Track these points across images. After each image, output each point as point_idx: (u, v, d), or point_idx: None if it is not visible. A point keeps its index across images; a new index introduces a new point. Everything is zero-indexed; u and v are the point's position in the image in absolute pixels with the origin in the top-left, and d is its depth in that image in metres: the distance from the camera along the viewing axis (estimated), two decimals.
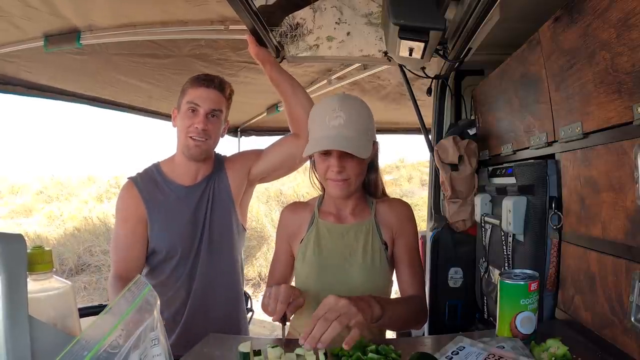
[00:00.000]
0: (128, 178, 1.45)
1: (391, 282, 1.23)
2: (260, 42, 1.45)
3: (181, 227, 1.40)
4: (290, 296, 1.00)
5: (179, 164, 1.44)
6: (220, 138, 1.49)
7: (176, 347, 0.97)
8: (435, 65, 1.85)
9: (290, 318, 1.03)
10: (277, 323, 1.00)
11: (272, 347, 0.90)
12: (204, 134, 1.37)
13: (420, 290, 1.18)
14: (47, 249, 0.66)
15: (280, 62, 1.60)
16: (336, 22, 1.56)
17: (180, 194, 1.42)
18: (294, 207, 1.30)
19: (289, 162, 1.50)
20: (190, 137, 1.37)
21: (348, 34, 1.57)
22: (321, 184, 1.22)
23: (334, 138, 1.08)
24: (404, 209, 1.24)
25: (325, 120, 1.09)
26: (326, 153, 1.11)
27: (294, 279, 1.26)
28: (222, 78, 1.44)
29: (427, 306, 1.22)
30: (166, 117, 3.42)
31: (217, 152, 1.54)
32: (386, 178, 11.15)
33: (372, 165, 1.23)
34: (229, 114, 1.50)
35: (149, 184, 1.42)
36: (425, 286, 1.24)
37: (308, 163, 1.29)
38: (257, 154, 1.53)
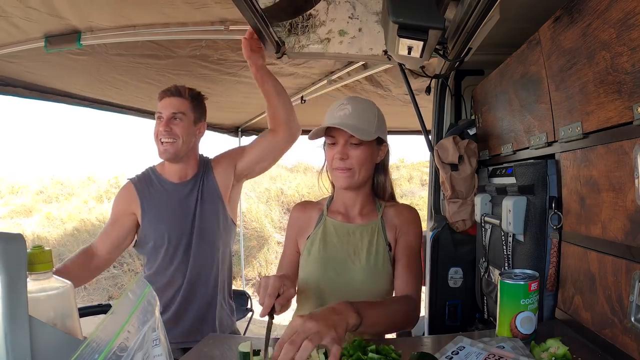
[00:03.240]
0: (128, 179, 1.63)
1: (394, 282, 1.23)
2: (261, 37, 1.44)
3: (169, 219, 1.54)
4: (279, 288, 0.98)
5: (167, 165, 1.62)
6: (200, 136, 1.63)
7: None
8: (434, 65, 1.85)
9: (278, 310, 0.99)
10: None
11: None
12: (168, 135, 1.51)
13: (414, 292, 1.16)
14: (47, 248, 0.66)
15: (280, 57, 1.60)
16: (349, 17, 1.54)
17: (169, 189, 1.59)
18: (304, 205, 1.34)
19: (271, 155, 1.65)
20: (160, 140, 1.53)
21: (360, 30, 1.55)
22: (332, 184, 1.29)
23: (336, 123, 1.14)
24: (410, 213, 1.27)
25: (333, 111, 1.19)
26: (333, 143, 1.18)
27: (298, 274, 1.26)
28: (181, 85, 1.59)
29: (420, 307, 1.21)
30: None
31: (202, 154, 1.68)
32: None
33: (382, 167, 1.27)
34: (203, 114, 1.63)
35: (145, 182, 1.61)
36: (422, 288, 1.23)
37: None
38: (241, 150, 1.69)
